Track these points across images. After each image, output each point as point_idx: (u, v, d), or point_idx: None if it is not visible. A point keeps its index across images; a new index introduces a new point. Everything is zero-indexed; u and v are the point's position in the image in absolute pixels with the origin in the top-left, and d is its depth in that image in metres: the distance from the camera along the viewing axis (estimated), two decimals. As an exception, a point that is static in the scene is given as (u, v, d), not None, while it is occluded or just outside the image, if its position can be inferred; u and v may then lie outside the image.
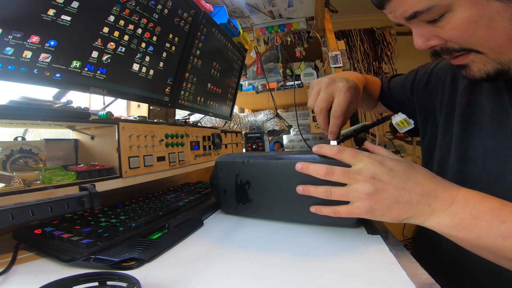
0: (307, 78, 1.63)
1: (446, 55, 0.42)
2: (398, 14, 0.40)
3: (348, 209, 0.40)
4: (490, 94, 0.47)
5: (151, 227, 0.48)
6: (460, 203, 0.36)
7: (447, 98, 0.55)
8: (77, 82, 0.52)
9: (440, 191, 0.37)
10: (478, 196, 0.36)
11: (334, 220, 0.43)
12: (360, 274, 0.32)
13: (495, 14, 0.34)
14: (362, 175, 0.39)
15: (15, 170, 0.51)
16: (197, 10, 0.82)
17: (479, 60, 0.40)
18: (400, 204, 0.38)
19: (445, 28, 0.37)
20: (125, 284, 0.30)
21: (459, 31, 0.37)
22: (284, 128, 1.55)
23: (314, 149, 0.45)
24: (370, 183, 0.38)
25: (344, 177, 0.40)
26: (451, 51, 0.40)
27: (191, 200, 0.64)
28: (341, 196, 0.40)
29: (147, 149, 0.65)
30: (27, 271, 0.37)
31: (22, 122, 0.48)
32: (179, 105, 0.84)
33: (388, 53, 2.51)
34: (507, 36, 0.35)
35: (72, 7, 0.49)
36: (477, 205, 0.35)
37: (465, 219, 0.35)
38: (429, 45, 0.41)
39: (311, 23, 1.55)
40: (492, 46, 0.37)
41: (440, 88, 0.57)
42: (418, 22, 0.39)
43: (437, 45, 0.41)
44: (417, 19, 0.39)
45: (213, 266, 0.36)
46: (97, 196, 0.44)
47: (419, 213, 0.37)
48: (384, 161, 0.40)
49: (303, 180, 0.43)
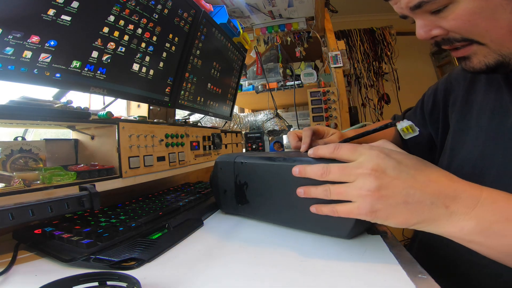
0: (307, 78, 1.63)
1: (446, 46, 0.42)
2: (403, 4, 0.40)
3: (348, 209, 0.35)
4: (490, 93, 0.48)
5: (151, 227, 0.48)
6: (487, 204, 0.31)
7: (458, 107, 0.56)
8: (77, 82, 0.52)
9: (459, 191, 0.32)
10: (506, 196, 0.32)
11: (326, 228, 0.42)
12: (360, 274, 0.32)
13: (497, 6, 0.35)
14: (363, 168, 0.34)
15: (15, 170, 0.51)
16: (197, 10, 0.82)
17: (481, 52, 0.40)
18: (409, 205, 0.32)
19: (448, 18, 0.38)
20: (125, 284, 0.30)
21: (462, 21, 0.37)
22: (284, 128, 1.55)
23: (309, 153, 0.41)
24: (372, 177, 0.33)
25: (342, 173, 0.36)
26: (452, 41, 0.40)
27: (191, 200, 0.64)
28: (340, 194, 0.36)
29: (147, 149, 0.65)
30: (27, 271, 0.37)
31: (22, 122, 0.48)
32: (179, 105, 0.84)
33: (388, 53, 2.51)
34: (508, 27, 0.36)
35: (72, 7, 0.49)
36: (508, 206, 0.31)
37: (496, 223, 0.30)
38: (431, 35, 0.41)
39: (311, 23, 1.55)
40: (494, 37, 0.37)
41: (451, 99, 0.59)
42: (422, 12, 0.40)
43: (439, 35, 0.41)
44: (422, 9, 0.39)
45: (213, 266, 0.36)
46: (97, 196, 0.44)
47: (433, 217, 0.32)
48: (390, 153, 0.35)
49: (301, 183, 0.40)
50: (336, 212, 0.36)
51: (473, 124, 0.50)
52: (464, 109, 0.54)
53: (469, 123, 0.51)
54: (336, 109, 1.50)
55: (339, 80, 1.54)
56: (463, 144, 0.51)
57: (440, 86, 0.63)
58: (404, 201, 0.32)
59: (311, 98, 1.52)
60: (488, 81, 0.50)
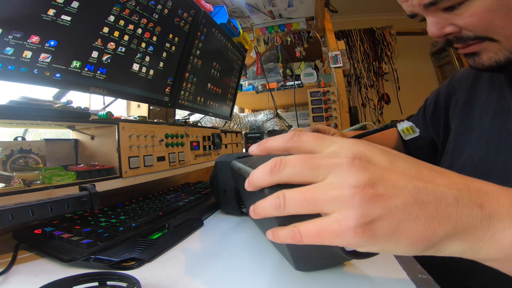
0: (307, 78, 1.63)
1: (458, 44, 0.42)
2: (415, 1, 0.40)
3: (318, 227, 0.21)
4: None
5: (151, 227, 0.48)
6: None
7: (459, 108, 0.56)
8: (77, 82, 0.52)
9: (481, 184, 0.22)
10: None
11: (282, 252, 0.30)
12: (360, 274, 0.32)
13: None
14: (339, 156, 0.21)
15: (15, 170, 0.51)
16: (197, 10, 0.82)
17: (492, 49, 0.40)
18: (427, 207, 0.20)
19: (464, 15, 0.37)
20: (125, 284, 0.30)
21: (478, 19, 0.37)
22: (284, 128, 1.55)
23: (251, 149, 0.27)
24: (356, 167, 0.21)
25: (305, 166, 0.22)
26: (465, 39, 0.40)
27: (191, 200, 0.64)
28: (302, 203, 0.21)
29: (147, 149, 0.65)
30: (27, 271, 0.37)
31: (22, 122, 0.48)
32: (179, 105, 0.84)
33: (388, 53, 2.51)
34: None
35: (72, 7, 0.49)
36: None
37: None
38: (444, 32, 0.41)
39: (311, 23, 1.55)
40: (508, 34, 0.37)
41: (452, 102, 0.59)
42: (435, 9, 0.39)
43: (452, 33, 0.40)
44: (436, 6, 0.38)
45: (213, 266, 0.36)
46: (97, 196, 0.44)
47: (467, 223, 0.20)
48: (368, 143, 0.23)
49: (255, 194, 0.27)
50: (299, 236, 0.22)
51: (475, 126, 0.50)
52: (466, 111, 0.54)
53: (471, 125, 0.51)
54: (336, 109, 1.51)
55: (339, 80, 1.54)
56: (465, 146, 0.51)
57: (442, 89, 0.63)
58: (416, 200, 0.20)
59: (311, 98, 1.53)
60: (491, 82, 0.50)
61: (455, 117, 0.56)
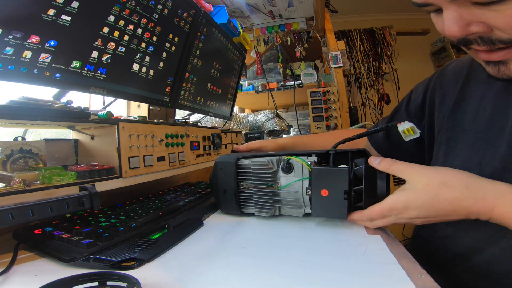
0: (307, 78, 1.63)
1: (482, 46, 0.35)
2: None
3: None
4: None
5: (151, 227, 0.48)
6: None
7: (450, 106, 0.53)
8: (77, 82, 0.52)
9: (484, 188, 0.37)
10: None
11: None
12: (360, 274, 0.32)
13: None
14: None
15: (15, 170, 0.51)
16: (197, 10, 0.82)
17: None
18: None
19: (505, 13, 0.30)
20: (125, 284, 0.30)
21: None
22: (284, 128, 1.56)
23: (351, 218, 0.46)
24: None
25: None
26: (495, 41, 0.33)
27: (191, 200, 0.64)
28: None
29: (147, 149, 0.65)
30: (27, 271, 0.37)
31: (22, 122, 0.48)
32: (179, 105, 0.84)
33: (388, 53, 2.51)
34: None
35: (72, 7, 0.49)
36: None
37: None
38: (468, 31, 0.34)
39: (311, 23, 1.55)
40: None
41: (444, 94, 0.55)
42: (464, 1, 0.32)
43: (478, 32, 0.34)
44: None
45: (213, 266, 0.36)
46: (97, 196, 0.44)
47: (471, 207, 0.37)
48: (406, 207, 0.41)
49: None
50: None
51: (469, 129, 0.48)
52: (457, 113, 0.50)
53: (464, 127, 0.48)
54: (336, 109, 1.51)
55: (339, 80, 1.54)
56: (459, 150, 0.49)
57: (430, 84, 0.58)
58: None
59: (311, 98, 1.53)
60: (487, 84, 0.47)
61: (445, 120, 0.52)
